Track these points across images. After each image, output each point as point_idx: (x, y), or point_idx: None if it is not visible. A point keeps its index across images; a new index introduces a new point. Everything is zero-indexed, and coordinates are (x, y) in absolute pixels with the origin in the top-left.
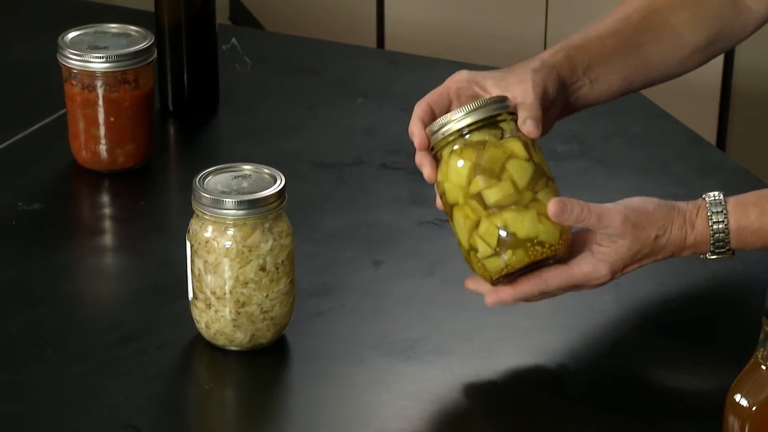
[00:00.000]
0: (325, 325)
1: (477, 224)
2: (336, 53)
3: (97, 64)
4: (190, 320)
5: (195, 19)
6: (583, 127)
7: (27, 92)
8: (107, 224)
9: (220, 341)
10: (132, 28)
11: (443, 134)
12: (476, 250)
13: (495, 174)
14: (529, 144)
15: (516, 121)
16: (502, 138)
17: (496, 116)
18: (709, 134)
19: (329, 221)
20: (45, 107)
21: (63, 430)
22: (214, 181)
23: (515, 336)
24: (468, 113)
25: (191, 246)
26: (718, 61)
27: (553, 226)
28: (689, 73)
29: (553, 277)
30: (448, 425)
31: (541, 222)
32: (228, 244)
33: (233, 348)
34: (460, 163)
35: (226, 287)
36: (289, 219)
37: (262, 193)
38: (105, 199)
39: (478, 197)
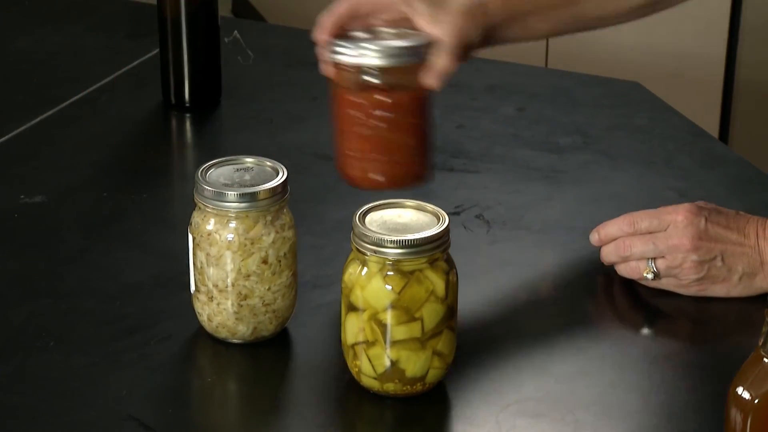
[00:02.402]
0: (328, 317)
1: (369, 342)
2: None
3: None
4: (192, 313)
5: (197, 11)
6: (587, 119)
7: (29, 84)
8: (109, 217)
9: (223, 334)
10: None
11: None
12: (357, 358)
13: (410, 313)
14: (450, 280)
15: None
16: (432, 264)
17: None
18: (712, 127)
19: (332, 213)
20: (46, 100)
21: (65, 422)
22: (217, 173)
23: (516, 328)
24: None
25: (193, 239)
26: (721, 54)
27: (442, 366)
28: (692, 67)
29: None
30: (449, 414)
31: (433, 362)
32: (230, 236)
33: (235, 341)
34: (382, 288)
35: (228, 280)
36: (292, 211)
37: (264, 185)
38: (107, 191)
39: (383, 326)
